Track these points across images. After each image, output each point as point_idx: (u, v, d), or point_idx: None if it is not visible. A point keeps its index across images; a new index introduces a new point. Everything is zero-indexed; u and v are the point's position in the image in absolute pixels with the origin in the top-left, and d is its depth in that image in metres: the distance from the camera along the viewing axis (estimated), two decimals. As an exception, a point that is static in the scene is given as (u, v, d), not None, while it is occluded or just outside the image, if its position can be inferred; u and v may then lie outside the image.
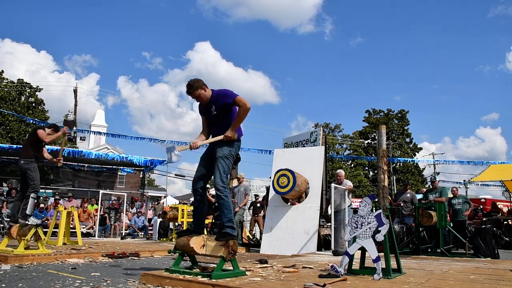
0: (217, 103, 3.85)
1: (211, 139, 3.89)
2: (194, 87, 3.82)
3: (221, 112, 3.86)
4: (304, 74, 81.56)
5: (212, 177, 3.87)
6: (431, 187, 9.03)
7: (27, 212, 5.85)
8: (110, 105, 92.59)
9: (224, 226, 3.67)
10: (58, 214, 7.77)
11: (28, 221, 5.59)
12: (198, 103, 3.97)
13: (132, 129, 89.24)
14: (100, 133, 29.01)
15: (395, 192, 9.39)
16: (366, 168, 43.79)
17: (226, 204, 3.71)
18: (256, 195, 12.12)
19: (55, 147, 14.64)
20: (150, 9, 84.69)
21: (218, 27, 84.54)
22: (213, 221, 10.58)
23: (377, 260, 3.50)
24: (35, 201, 6.36)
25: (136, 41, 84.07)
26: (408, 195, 8.83)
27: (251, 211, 11.96)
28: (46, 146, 6.75)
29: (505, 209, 15.79)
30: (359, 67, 77.84)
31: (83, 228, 11.45)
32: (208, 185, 14.51)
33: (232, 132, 3.79)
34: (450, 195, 9.97)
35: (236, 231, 3.69)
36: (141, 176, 18.00)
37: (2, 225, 10.88)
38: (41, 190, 13.35)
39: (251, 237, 10.59)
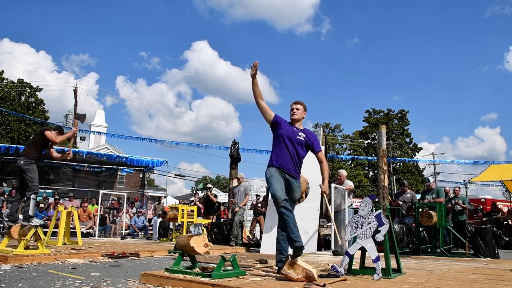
0: (308, 138, 4.13)
1: (326, 191, 4.11)
2: (303, 104, 4.23)
3: (306, 147, 4.14)
4: (303, 74, 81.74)
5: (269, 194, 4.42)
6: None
7: (30, 213, 5.85)
8: (109, 105, 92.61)
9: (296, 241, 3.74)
10: (58, 214, 7.77)
11: (32, 222, 5.60)
12: (281, 121, 4.10)
13: (131, 129, 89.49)
14: (100, 133, 29.00)
15: (395, 192, 9.39)
16: (366, 168, 43.79)
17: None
18: (257, 195, 12.13)
19: (55, 147, 14.59)
20: (146, 9, 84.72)
21: (215, 27, 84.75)
22: (213, 221, 10.58)
23: (377, 260, 3.50)
24: (36, 202, 6.37)
25: (133, 41, 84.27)
26: (408, 195, 8.82)
27: (251, 211, 11.99)
28: (54, 146, 6.75)
29: (505, 209, 15.78)
30: (359, 67, 77.93)
31: (83, 228, 11.45)
32: (210, 185, 14.37)
33: (327, 189, 4.14)
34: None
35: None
36: (141, 176, 18.00)
37: (2, 225, 10.87)
38: (41, 190, 13.37)
39: (251, 237, 10.59)
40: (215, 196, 11.92)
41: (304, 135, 4.10)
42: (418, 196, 10.09)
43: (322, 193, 4.12)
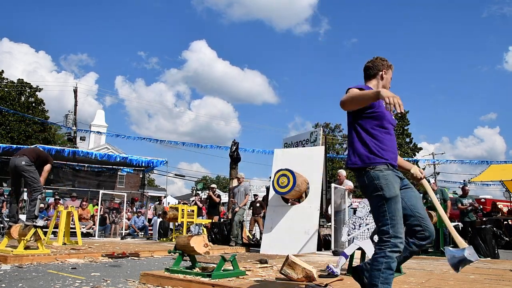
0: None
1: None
2: None
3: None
4: (302, 74, 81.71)
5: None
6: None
7: (35, 213, 5.85)
8: (108, 105, 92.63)
9: None
10: (58, 214, 7.77)
11: (36, 223, 5.59)
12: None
13: (130, 129, 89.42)
14: (100, 133, 29.01)
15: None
16: (366, 168, 43.75)
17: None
18: (255, 195, 12.13)
19: (55, 147, 14.69)
20: (144, 9, 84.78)
21: (213, 27, 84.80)
22: (213, 221, 10.59)
23: (376, 260, 3.50)
24: (41, 202, 6.37)
25: (132, 41, 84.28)
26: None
27: (251, 211, 11.97)
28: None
29: (505, 209, 15.79)
30: (358, 67, 77.88)
31: (83, 228, 11.45)
32: (213, 185, 14.26)
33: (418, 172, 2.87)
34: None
35: None
36: (141, 176, 18.00)
37: (2, 225, 10.88)
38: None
39: (251, 237, 10.59)
40: (218, 196, 11.91)
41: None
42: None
43: (420, 178, 2.85)
